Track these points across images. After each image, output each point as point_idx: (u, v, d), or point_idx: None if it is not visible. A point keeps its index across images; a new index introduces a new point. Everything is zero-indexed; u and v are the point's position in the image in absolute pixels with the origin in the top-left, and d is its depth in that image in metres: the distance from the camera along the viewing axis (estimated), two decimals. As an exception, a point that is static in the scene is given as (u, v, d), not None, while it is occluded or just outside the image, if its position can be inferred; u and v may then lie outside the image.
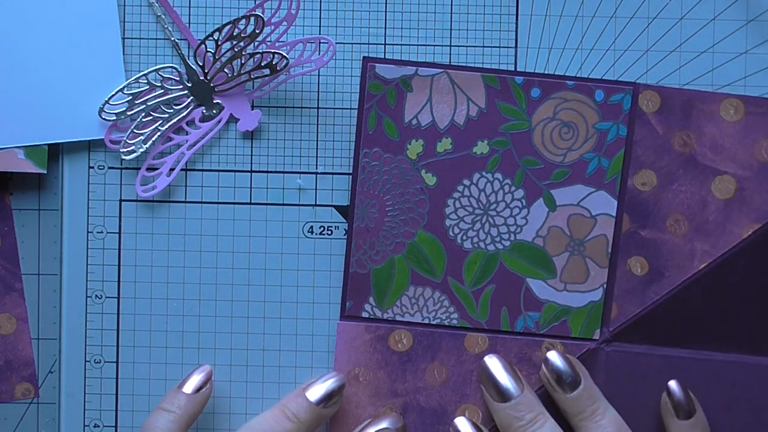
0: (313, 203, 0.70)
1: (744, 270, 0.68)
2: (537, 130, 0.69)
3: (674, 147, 0.69)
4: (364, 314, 0.69)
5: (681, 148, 0.69)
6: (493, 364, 0.68)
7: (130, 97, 0.69)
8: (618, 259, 0.69)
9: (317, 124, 0.70)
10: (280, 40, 0.69)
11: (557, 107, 0.69)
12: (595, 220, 0.69)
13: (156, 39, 0.70)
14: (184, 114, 0.70)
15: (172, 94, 0.69)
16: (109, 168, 0.70)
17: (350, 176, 0.70)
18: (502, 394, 0.67)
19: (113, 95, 0.69)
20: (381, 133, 0.69)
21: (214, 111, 0.70)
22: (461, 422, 0.68)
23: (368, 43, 0.70)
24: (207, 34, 0.68)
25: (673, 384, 0.67)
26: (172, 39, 0.70)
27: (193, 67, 0.69)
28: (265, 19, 0.67)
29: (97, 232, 0.70)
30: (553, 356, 0.68)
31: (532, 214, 0.69)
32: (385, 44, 0.70)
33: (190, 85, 0.69)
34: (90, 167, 0.70)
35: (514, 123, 0.69)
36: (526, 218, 0.69)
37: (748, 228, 0.69)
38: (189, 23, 0.70)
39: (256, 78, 0.69)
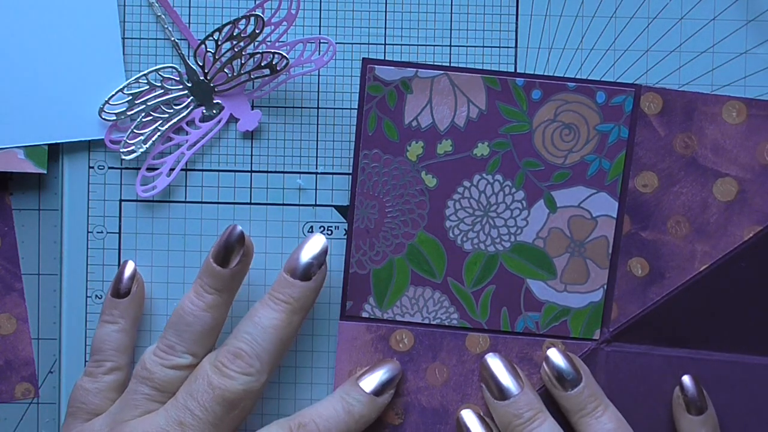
0: (313, 203, 0.70)
1: (745, 272, 0.68)
2: (538, 131, 0.69)
3: (675, 149, 0.69)
4: (364, 314, 0.70)
5: (682, 150, 0.69)
6: (494, 361, 0.68)
7: (130, 97, 0.69)
8: (618, 260, 0.69)
9: (317, 124, 0.70)
10: (280, 40, 0.69)
11: (558, 109, 0.69)
12: (595, 222, 0.69)
13: (156, 39, 0.70)
14: (184, 114, 0.70)
15: (172, 94, 0.70)
16: (109, 168, 0.70)
17: (350, 176, 0.70)
18: (502, 392, 0.67)
19: (113, 95, 0.69)
20: (381, 134, 0.69)
21: (214, 111, 0.70)
22: (467, 414, 0.69)
23: (368, 44, 0.70)
24: (207, 34, 0.68)
25: (686, 379, 0.68)
26: (172, 39, 0.70)
27: (193, 67, 0.69)
28: (265, 19, 0.67)
29: (97, 232, 0.70)
30: (554, 354, 0.68)
31: (533, 215, 0.69)
32: (385, 44, 0.70)
33: (190, 85, 0.70)
34: (90, 167, 0.70)
35: (514, 125, 0.69)
36: (526, 219, 0.69)
37: (749, 230, 0.69)
38: (189, 23, 0.70)
39: (256, 78, 0.69)
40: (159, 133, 0.70)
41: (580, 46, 0.70)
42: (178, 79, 0.70)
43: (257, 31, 0.67)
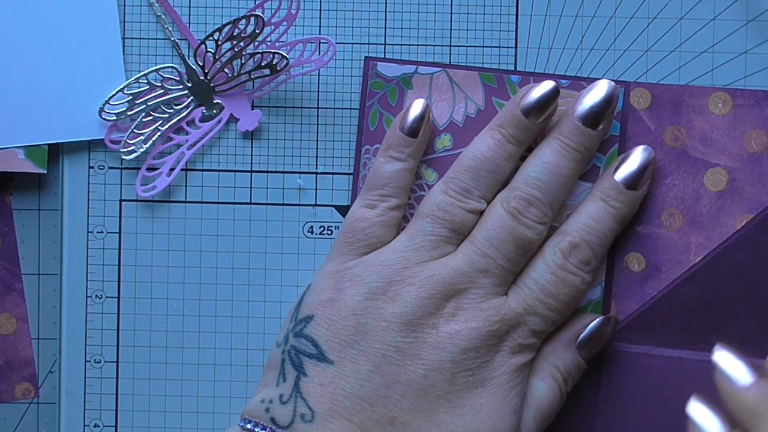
0: (313, 203, 0.72)
1: (741, 263, 0.69)
2: None
3: (666, 142, 0.69)
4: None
5: (672, 143, 0.69)
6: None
7: (130, 97, 0.70)
8: (615, 256, 0.70)
9: (317, 124, 0.71)
10: (280, 40, 0.70)
11: None
12: None
13: (156, 39, 0.71)
14: (184, 114, 0.71)
15: (172, 94, 0.71)
16: (109, 168, 0.71)
17: (350, 176, 0.71)
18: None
19: (113, 95, 0.70)
20: (382, 130, 0.70)
21: (214, 111, 0.71)
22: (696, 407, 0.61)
23: (368, 43, 0.71)
24: (207, 34, 0.69)
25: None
26: (172, 39, 0.71)
27: (193, 67, 0.70)
28: (265, 19, 0.68)
29: (97, 232, 0.72)
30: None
31: None
32: (385, 44, 0.71)
33: (190, 85, 0.71)
34: (90, 167, 0.71)
35: None
36: None
37: (741, 219, 0.69)
38: (189, 23, 0.71)
39: (256, 78, 0.70)
40: (159, 133, 0.71)
41: (580, 46, 0.71)
42: (178, 79, 0.70)
43: (257, 31, 0.68)
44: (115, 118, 0.71)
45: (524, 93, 0.67)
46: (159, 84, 0.71)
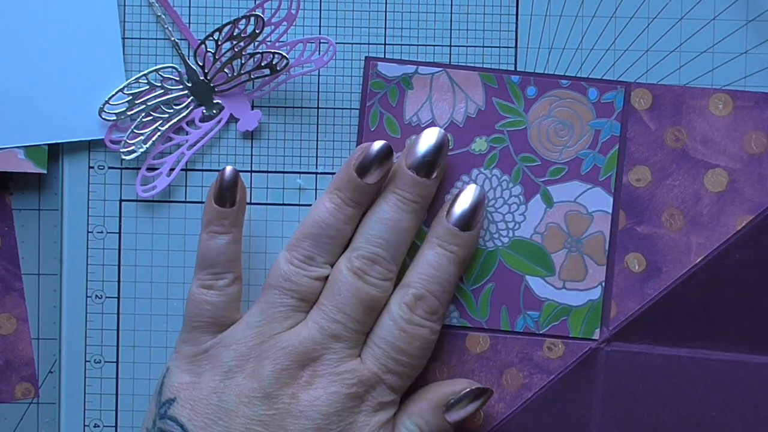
0: (313, 203, 0.71)
1: (740, 263, 0.69)
2: (533, 127, 0.70)
3: (666, 142, 0.70)
4: (364, 314, 0.70)
5: (673, 144, 0.70)
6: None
7: (130, 97, 0.70)
8: (615, 256, 0.70)
9: (317, 124, 0.72)
10: (280, 40, 0.70)
11: (552, 105, 0.70)
12: (591, 217, 0.70)
13: (156, 39, 0.71)
14: (184, 114, 0.71)
15: (172, 94, 0.71)
16: (109, 168, 0.72)
17: None
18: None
19: (113, 95, 0.70)
20: (382, 130, 0.71)
21: (214, 111, 0.71)
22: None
23: (368, 43, 0.71)
24: (207, 34, 0.69)
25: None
26: (172, 39, 0.71)
27: (193, 67, 0.71)
28: (265, 19, 0.69)
29: (97, 232, 0.72)
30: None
31: (530, 210, 0.70)
32: (385, 44, 0.71)
33: (190, 85, 0.71)
34: (90, 167, 0.72)
35: (511, 120, 0.70)
36: (524, 215, 0.70)
37: (741, 220, 0.70)
38: (189, 23, 0.72)
39: (256, 78, 0.71)
40: (159, 133, 0.71)
41: (580, 46, 0.71)
42: (178, 79, 0.71)
43: (257, 31, 0.69)
44: (115, 118, 0.71)
45: (358, 154, 0.68)
46: (159, 84, 0.71)
